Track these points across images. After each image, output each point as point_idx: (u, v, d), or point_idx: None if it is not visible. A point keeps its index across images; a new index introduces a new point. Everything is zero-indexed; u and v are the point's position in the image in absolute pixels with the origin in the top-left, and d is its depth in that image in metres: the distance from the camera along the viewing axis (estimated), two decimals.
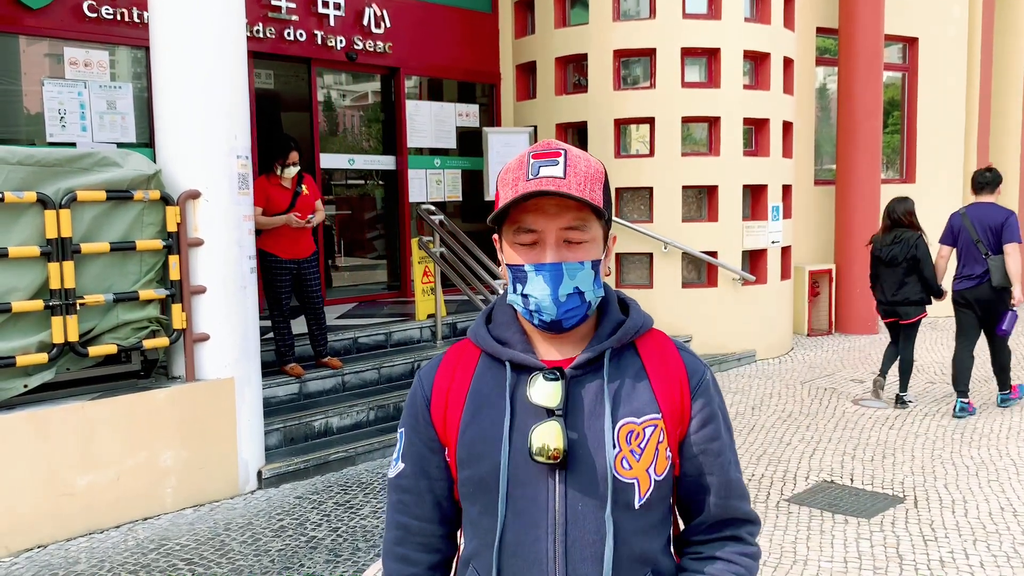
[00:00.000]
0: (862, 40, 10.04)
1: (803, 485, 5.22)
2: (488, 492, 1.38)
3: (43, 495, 4.55)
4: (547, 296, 1.34)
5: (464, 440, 1.40)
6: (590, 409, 1.37)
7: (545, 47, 8.96)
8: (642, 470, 1.36)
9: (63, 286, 4.61)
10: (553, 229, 1.33)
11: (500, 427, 1.37)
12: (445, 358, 1.49)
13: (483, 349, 1.45)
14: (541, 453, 1.32)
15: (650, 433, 1.37)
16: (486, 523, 1.40)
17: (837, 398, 7.28)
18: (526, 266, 1.35)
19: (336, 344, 6.81)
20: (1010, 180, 12.55)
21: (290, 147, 6.10)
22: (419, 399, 1.48)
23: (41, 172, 4.59)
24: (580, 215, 1.34)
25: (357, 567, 4.18)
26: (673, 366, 1.43)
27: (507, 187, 1.35)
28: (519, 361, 1.39)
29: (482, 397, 1.41)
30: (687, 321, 8.59)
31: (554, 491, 1.35)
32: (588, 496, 1.35)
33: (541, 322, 1.37)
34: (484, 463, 1.38)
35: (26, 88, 6.69)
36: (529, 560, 1.36)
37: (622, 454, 1.35)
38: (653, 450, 1.37)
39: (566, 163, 1.32)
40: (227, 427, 5.19)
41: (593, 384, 1.38)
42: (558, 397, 1.35)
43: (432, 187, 9.37)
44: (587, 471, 1.35)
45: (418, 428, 1.48)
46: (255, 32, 7.73)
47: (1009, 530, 4.49)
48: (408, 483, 1.49)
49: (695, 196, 8.70)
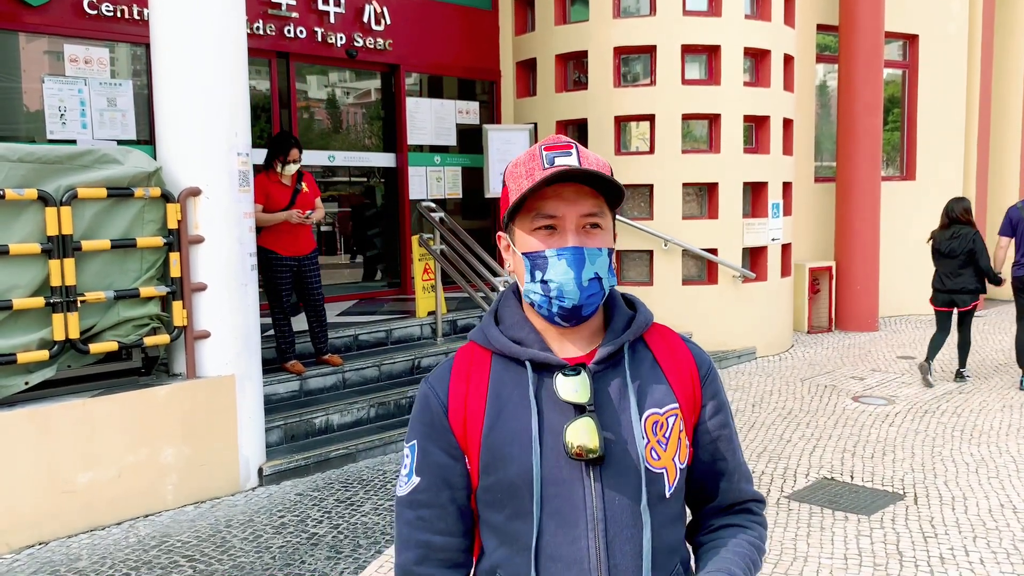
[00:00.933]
0: (862, 37, 10.04)
1: (803, 482, 5.23)
2: (518, 496, 1.35)
3: (44, 492, 4.55)
4: (571, 280, 1.33)
5: (488, 444, 1.36)
6: (616, 403, 1.37)
7: (545, 44, 8.95)
8: (669, 460, 1.38)
9: (64, 283, 4.61)
10: (573, 215, 1.34)
11: (528, 428, 1.34)
12: (456, 363, 1.44)
13: (498, 350, 1.41)
14: (582, 450, 1.31)
15: (672, 423, 1.40)
16: (515, 528, 1.36)
17: (837, 395, 7.29)
18: (547, 251, 1.34)
19: (337, 341, 6.82)
20: (1011, 177, 12.56)
21: (291, 144, 6.11)
22: (434, 407, 1.41)
23: (42, 169, 4.59)
24: (597, 202, 1.36)
25: (358, 564, 4.19)
26: (682, 357, 1.46)
27: (521, 179, 1.36)
28: (540, 360, 1.37)
29: (503, 399, 1.38)
30: (687, 318, 8.59)
31: (591, 488, 1.34)
32: (623, 490, 1.35)
33: (561, 309, 1.35)
34: (512, 466, 1.34)
35: (26, 85, 6.68)
36: (568, 561, 1.33)
37: (650, 445, 1.36)
38: (676, 439, 1.40)
39: (579, 154, 1.35)
40: (228, 424, 5.19)
41: (615, 378, 1.39)
42: (587, 392, 1.34)
43: (432, 184, 9.37)
44: (621, 465, 1.35)
45: (434, 437, 1.41)
46: (255, 29, 7.72)
47: (1009, 527, 4.49)
48: (427, 497, 1.41)
49: (695, 193, 8.70)
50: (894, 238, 11.00)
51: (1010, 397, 7.12)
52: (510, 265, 1.44)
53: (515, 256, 1.41)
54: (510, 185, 1.38)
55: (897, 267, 11.07)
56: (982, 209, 11.69)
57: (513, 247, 1.41)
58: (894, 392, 7.35)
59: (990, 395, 7.17)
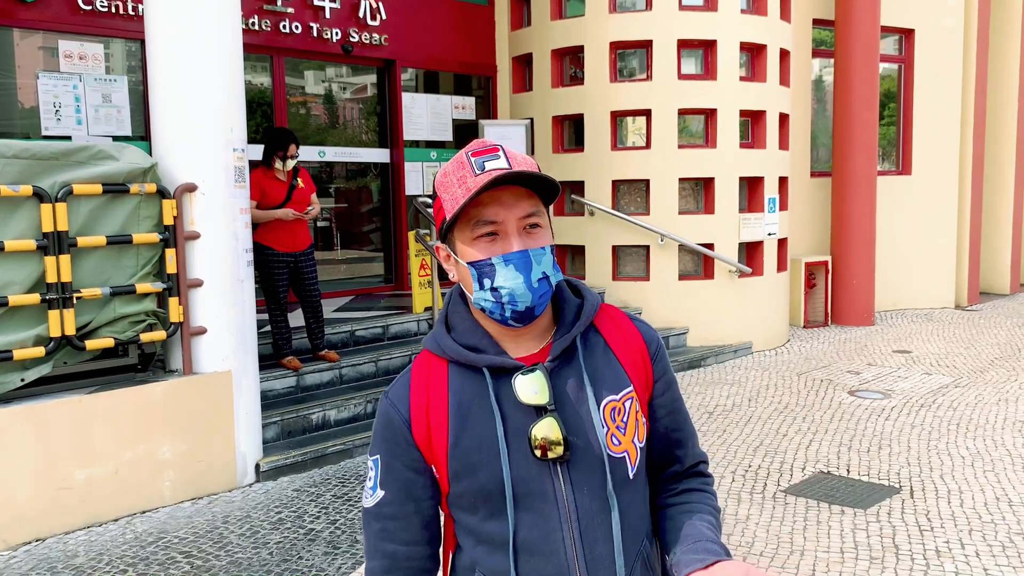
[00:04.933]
0: (858, 32, 10.04)
1: (800, 476, 5.24)
2: (491, 500, 1.38)
3: (41, 489, 4.55)
4: (521, 284, 1.34)
5: (456, 454, 1.38)
6: (574, 396, 1.40)
7: (541, 39, 8.94)
8: (628, 443, 1.42)
9: (60, 280, 4.60)
10: (513, 218, 1.35)
11: (493, 434, 1.37)
12: (413, 376, 1.45)
13: (453, 359, 1.42)
14: (546, 444, 1.35)
15: (629, 406, 1.44)
16: (491, 528, 1.39)
17: (833, 389, 7.30)
18: (493, 259, 1.35)
19: (333, 337, 6.81)
20: (1006, 171, 12.57)
21: (289, 139, 6.10)
22: (396, 422, 1.42)
23: (37, 166, 4.57)
24: (533, 202, 1.37)
25: (356, 559, 4.19)
26: (631, 336, 1.49)
27: (453, 187, 1.36)
28: (496, 364, 1.39)
29: (464, 407, 1.39)
30: (684, 313, 8.61)
31: (560, 482, 1.38)
32: (590, 479, 1.39)
33: (514, 312, 1.36)
34: (483, 472, 1.37)
35: (21, 81, 6.66)
36: (546, 553, 1.38)
37: (610, 432, 1.40)
38: (634, 421, 1.44)
39: (506, 156, 1.36)
40: (225, 420, 5.19)
41: (571, 371, 1.42)
42: (547, 392, 1.36)
43: (428, 180, 9.35)
44: (585, 456, 1.38)
45: (397, 452, 1.43)
46: (250, 24, 7.71)
47: (1004, 520, 4.51)
48: (391, 510, 1.44)
49: (692, 188, 8.70)
50: (890, 232, 11.02)
51: (1006, 391, 7.14)
52: (453, 275, 1.45)
53: (458, 267, 1.41)
54: (443, 195, 1.38)
55: (893, 262, 11.09)
56: (978, 203, 11.70)
57: (455, 258, 1.41)
58: (890, 386, 7.37)
59: (986, 389, 7.19)
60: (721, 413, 6.65)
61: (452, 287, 1.51)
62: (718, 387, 7.48)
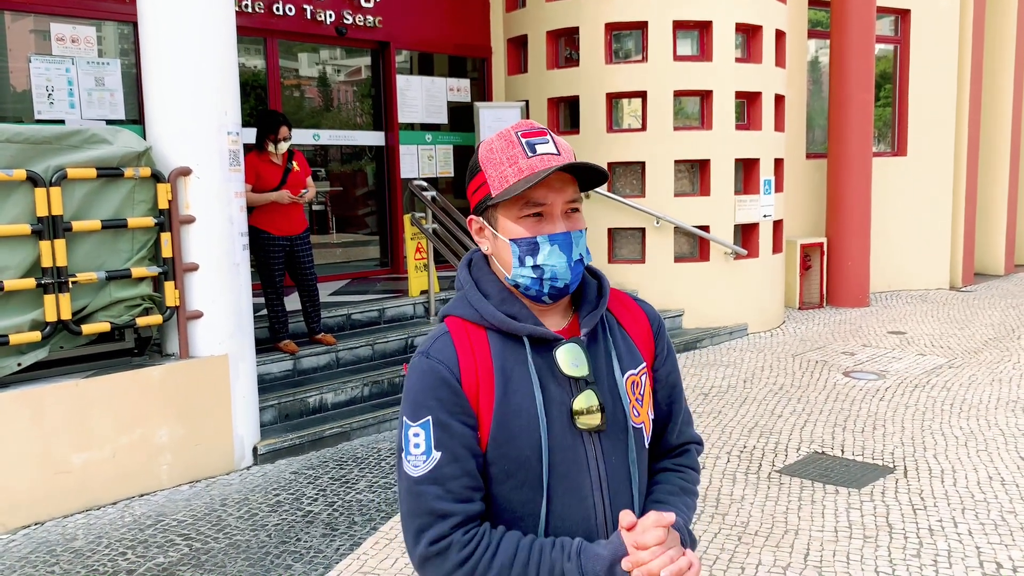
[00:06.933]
0: (854, 12, 10.00)
1: (794, 456, 5.28)
2: (526, 467, 1.41)
3: (39, 473, 4.57)
4: (563, 263, 1.42)
5: (499, 418, 1.40)
6: (604, 369, 1.48)
7: (536, 20, 8.89)
8: (645, 414, 1.53)
9: (55, 264, 4.60)
10: (560, 202, 1.42)
11: (533, 403, 1.41)
12: (456, 336, 1.44)
13: (494, 326, 1.44)
14: (588, 423, 1.42)
15: (644, 380, 1.54)
16: (522, 495, 1.42)
17: (828, 370, 7.33)
18: (538, 238, 1.41)
19: (329, 321, 6.82)
20: (1001, 152, 12.57)
21: (279, 122, 6.08)
22: (448, 379, 1.39)
23: (30, 150, 4.55)
24: (575, 188, 1.45)
25: (354, 540, 4.22)
26: (638, 315, 1.60)
27: (503, 166, 1.41)
28: (538, 335, 1.44)
29: (507, 374, 1.42)
30: (679, 295, 8.62)
31: (593, 450, 1.45)
32: (617, 448, 1.48)
33: (553, 288, 1.43)
34: (522, 439, 1.40)
35: (12, 65, 6.62)
36: (577, 519, 1.44)
37: (632, 404, 1.50)
38: (649, 394, 1.55)
39: (554, 140, 1.44)
40: (222, 404, 5.20)
41: (599, 346, 1.50)
42: (586, 366, 1.43)
43: (424, 163, 9.33)
44: (614, 426, 1.47)
45: (453, 409, 1.39)
46: (243, 7, 7.65)
47: (997, 499, 4.55)
48: (452, 470, 1.38)
49: (687, 170, 8.70)
50: (885, 214, 11.03)
51: (999, 371, 7.18)
52: (488, 248, 1.49)
53: (496, 240, 1.46)
54: (489, 171, 1.42)
55: (888, 243, 11.11)
56: (973, 185, 11.71)
57: (495, 232, 1.45)
58: (885, 367, 7.40)
59: (979, 370, 7.23)
60: (716, 394, 6.68)
61: (464, 257, 1.55)
62: (714, 369, 7.50)
